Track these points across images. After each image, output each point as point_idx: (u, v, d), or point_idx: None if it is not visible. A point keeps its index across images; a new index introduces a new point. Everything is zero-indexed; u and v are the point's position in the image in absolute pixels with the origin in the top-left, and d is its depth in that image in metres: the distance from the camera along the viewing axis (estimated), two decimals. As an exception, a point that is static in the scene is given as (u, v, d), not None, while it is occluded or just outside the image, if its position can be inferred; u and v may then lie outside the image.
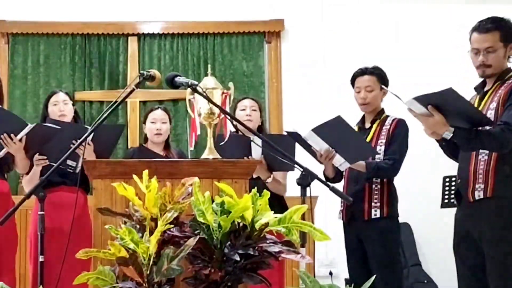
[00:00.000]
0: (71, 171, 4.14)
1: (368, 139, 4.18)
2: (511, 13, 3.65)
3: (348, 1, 6.87)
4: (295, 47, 6.83)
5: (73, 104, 4.56)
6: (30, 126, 4.03)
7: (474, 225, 3.44)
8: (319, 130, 3.98)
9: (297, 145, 4.11)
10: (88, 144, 4.12)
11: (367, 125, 4.27)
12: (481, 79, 3.57)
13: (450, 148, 3.58)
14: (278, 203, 4.08)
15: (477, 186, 3.41)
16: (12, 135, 4.01)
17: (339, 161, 4.05)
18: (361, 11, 6.85)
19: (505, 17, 3.53)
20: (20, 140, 4.03)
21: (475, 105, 3.48)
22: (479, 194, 3.40)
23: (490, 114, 3.39)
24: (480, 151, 3.42)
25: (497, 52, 3.45)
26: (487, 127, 3.35)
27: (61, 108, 4.43)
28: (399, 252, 4.19)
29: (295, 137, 4.07)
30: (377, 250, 4.05)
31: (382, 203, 4.09)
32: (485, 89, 3.53)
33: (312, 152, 4.11)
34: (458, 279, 3.58)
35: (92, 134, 4.06)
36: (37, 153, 4.15)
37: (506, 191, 3.36)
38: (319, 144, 4.03)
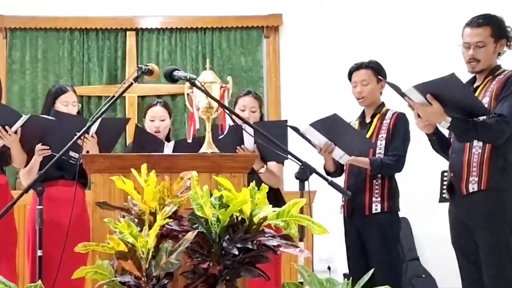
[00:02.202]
0: (74, 162, 4.13)
1: (368, 134, 4.19)
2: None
3: (347, -5, 6.88)
4: (294, 42, 6.83)
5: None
6: (24, 117, 4.02)
7: (469, 217, 3.47)
8: (316, 125, 3.99)
9: (295, 139, 4.11)
10: (92, 136, 4.13)
11: (368, 120, 4.27)
12: (471, 76, 3.60)
13: (440, 143, 3.61)
14: (273, 196, 4.07)
15: (471, 179, 3.45)
16: (6, 127, 4.00)
17: (339, 154, 4.07)
18: (359, 5, 6.84)
19: (497, 14, 3.57)
20: (16, 132, 4.03)
21: None
22: (473, 187, 3.44)
23: None
24: (474, 143, 3.45)
25: (487, 47, 3.50)
26: (482, 118, 3.37)
27: (70, 109, 4.39)
28: (398, 246, 4.19)
29: (296, 131, 4.07)
30: (377, 245, 4.06)
31: (383, 198, 4.10)
32: (475, 85, 3.56)
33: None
34: (459, 270, 3.60)
35: (97, 127, 4.09)
36: (40, 143, 4.14)
37: (500, 183, 3.40)
38: (318, 139, 4.04)
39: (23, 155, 4.17)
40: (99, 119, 4.01)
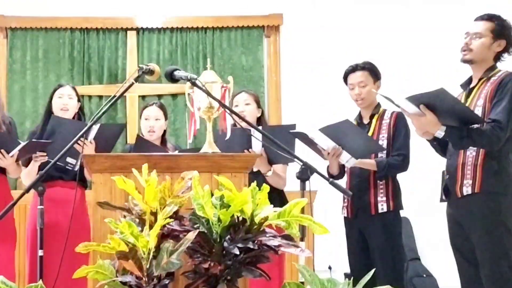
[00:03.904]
0: (71, 168, 4.13)
1: (369, 134, 4.18)
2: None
3: (347, -5, 6.89)
4: (294, 41, 6.83)
5: (78, 100, 4.52)
6: (22, 144, 4.01)
7: (464, 219, 3.48)
8: (326, 130, 3.99)
9: (298, 140, 4.11)
10: (90, 142, 4.10)
11: (366, 121, 4.27)
12: (468, 76, 3.60)
13: (441, 146, 3.61)
14: (278, 197, 4.08)
15: (465, 181, 3.45)
16: (3, 151, 4.00)
17: (346, 158, 4.06)
18: (359, 5, 6.84)
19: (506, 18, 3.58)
20: (12, 156, 4.03)
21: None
22: (467, 190, 3.44)
23: (478, 111, 3.43)
24: None
25: (483, 39, 3.50)
26: (477, 125, 3.37)
27: (65, 101, 4.39)
28: (401, 244, 4.20)
29: (301, 137, 4.06)
30: (381, 244, 4.05)
31: (388, 197, 4.10)
32: (471, 86, 3.56)
33: (318, 151, 4.12)
34: (458, 270, 3.61)
35: (95, 133, 4.07)
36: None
37: (494, 186, 3.40)
38: (325, 143, 4.04)
39: (19, 168, 4.20)
40: (98, 125, 4.00)
